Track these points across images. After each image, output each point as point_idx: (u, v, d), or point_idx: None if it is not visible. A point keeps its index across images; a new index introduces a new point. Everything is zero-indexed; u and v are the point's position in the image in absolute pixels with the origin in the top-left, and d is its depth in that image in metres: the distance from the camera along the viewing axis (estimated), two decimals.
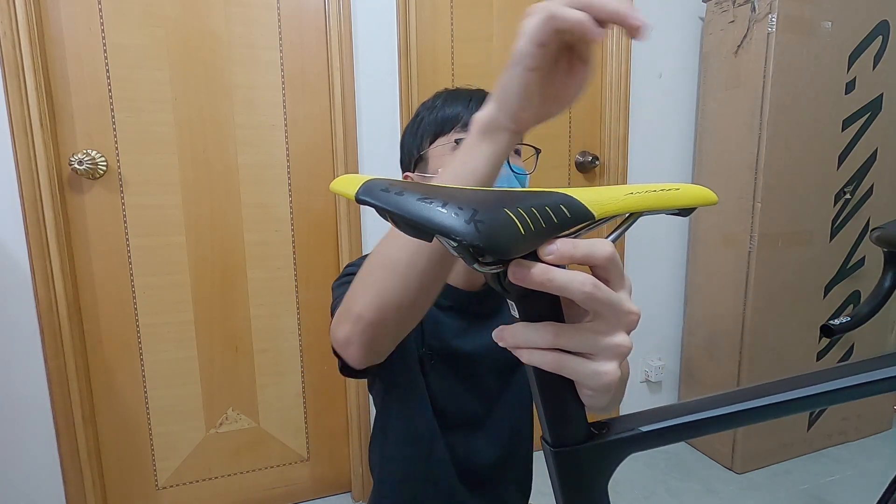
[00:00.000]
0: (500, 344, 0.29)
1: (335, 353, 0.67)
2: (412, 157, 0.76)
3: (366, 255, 0.81)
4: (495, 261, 0.26)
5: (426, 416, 0.74)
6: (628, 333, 0.28)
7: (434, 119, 0.73)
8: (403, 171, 0.78)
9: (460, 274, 0.75)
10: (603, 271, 0.27)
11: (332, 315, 0.66)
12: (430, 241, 0.26)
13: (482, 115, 0.42)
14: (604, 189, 0.29)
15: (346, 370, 0.67)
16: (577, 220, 0.27)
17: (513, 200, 0.26)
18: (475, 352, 0.74)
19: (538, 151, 0.76)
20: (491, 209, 0.25)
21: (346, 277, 0.70)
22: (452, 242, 0.25)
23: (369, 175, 0.28)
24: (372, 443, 0.84)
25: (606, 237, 0.28)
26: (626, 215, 0.29)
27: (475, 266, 0.27)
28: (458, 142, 0.71)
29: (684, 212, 0.32)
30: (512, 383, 0.80)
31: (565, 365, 0.27)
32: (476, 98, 0.73)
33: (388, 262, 0.45)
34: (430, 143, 0.73)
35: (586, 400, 0.30)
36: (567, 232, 0.27)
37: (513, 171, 0.70)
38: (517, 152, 0.74)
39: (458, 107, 0.72)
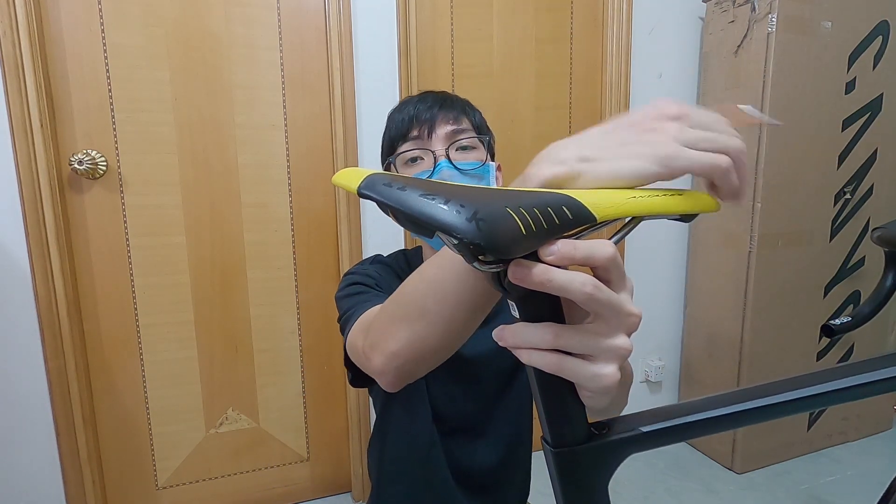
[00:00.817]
0: (500, 343, 0.29)
1: (347, 365, 0.66)
2: None
3: (366, 259, 0.81)
4: (495, 260, 0.26)
5: (426, 420, 0.74)
6: (629, 335, 0.28)
7: (387, 145, 0.76)
8: None
9: None
10: (604, 272, 0.27)
11: (343, 327, 0.65)
12: (431, 238, 0.26)
13: None
14: (606, 192, 0.29)
15: (357, 382, 0.67)
16: (579, 221, 0.27)
17: (515, 199, 0.26)
18: (476, 356, 0.73)
19: (487, 140, 0.74)
20: (493, 208, 0.25)
21: (351, 287, 0.70)
22: (453, 240, 0.25)
23: (372, 169, 0.28)
24: (371, 445, 0.84)
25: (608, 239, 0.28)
26: (628, 219, 0.29)
27: (475, 265, 0.27)
28: (390, 165, 0.73)
29: (686, 218, 0.31)
30: (512, 388, 0.79)
31: (565, 366, 0.27)
32: (412, 102, 0.73)
33: (426, 312, 0.41)
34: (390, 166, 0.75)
35: (586, 401, 0.30)
36: (568, 234, 0.27)
37: (457, 168, 0.69)
38: (464, 149, 0.71)
39: (403, 114, 0.73)
